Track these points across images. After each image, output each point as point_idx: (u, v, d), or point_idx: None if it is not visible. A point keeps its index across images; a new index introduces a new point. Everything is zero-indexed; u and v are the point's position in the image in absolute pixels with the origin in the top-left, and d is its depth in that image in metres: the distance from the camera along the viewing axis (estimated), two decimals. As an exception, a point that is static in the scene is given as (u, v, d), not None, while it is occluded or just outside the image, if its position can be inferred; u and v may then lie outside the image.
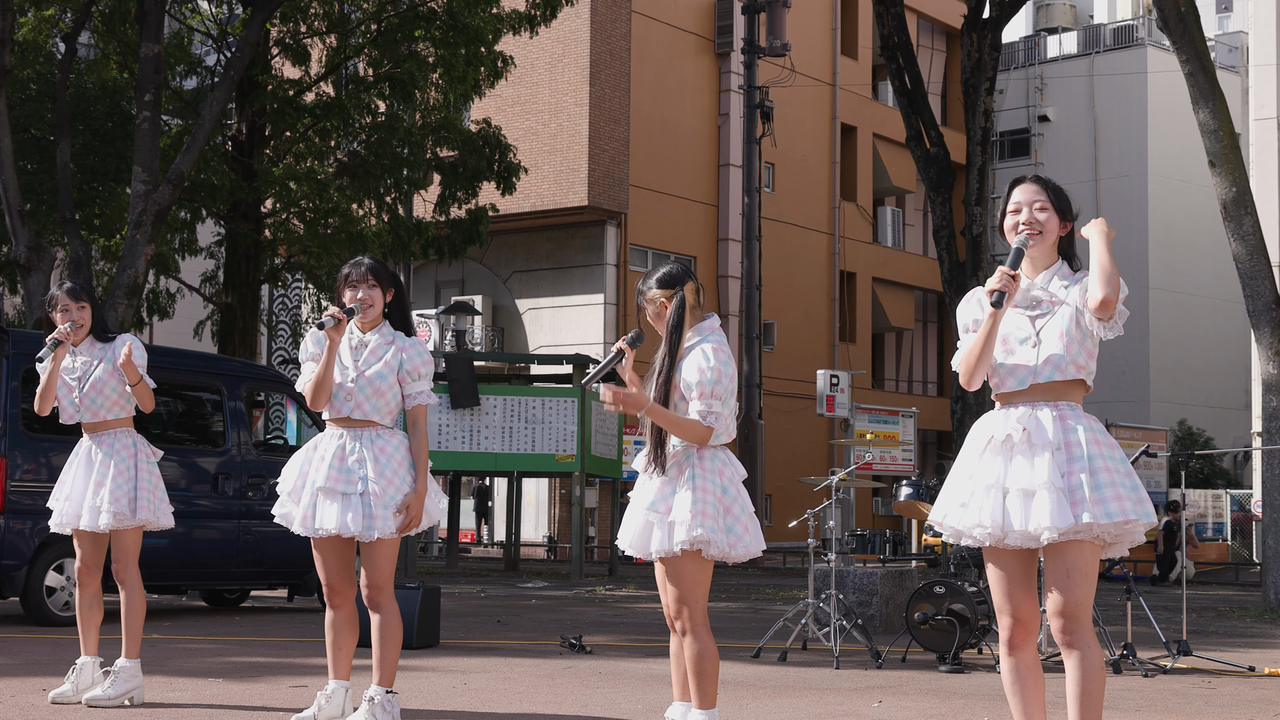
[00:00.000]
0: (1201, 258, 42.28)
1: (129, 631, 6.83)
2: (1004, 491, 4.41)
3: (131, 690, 6.79)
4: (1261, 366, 16.73)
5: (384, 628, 5.94)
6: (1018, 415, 4.44)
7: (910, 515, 11.14)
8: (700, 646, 5.26)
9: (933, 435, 40.55)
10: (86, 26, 20.56)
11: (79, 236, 18.91)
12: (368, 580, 5.95)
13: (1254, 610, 16.25)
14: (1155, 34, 43.08)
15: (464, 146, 22.28)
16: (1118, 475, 4.34)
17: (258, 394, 14.48)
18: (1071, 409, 4.44)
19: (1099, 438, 4.40)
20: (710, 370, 5.21)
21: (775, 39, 28.57)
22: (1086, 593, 4.36)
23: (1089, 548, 4.36)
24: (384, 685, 5.92)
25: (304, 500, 6.00)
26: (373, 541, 5.92)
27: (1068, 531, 4.34)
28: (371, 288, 5.99)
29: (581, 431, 19.76)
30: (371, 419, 5.96)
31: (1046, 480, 4.34)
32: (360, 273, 6.00)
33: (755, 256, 27.84)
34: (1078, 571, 4.35)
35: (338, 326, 5.88)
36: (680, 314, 5.35)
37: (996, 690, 8.28)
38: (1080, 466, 4.35)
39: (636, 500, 5.38)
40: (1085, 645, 4.35)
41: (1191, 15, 16.90)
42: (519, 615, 13.60)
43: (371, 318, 6.03)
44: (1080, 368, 4.44)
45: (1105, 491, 4.32)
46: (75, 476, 6.91)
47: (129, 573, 6.85)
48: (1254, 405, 26.16)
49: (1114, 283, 4.36)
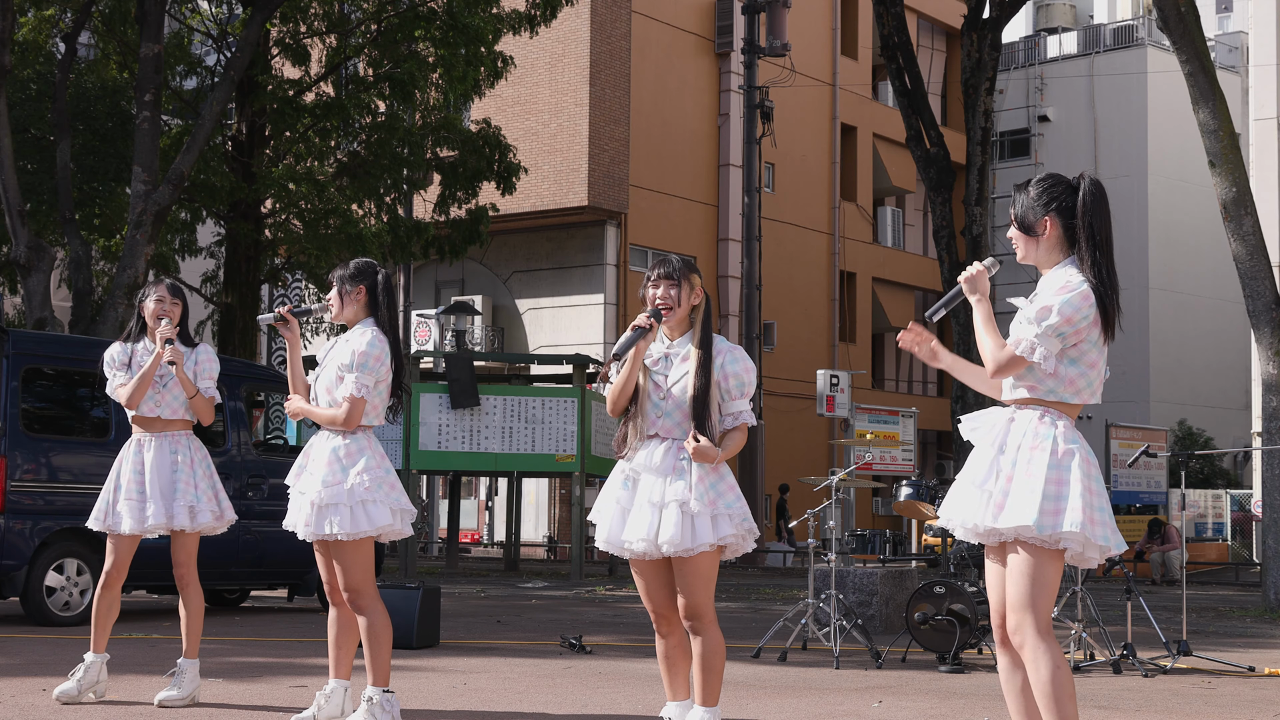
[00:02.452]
0: (1201, 258, 42.27)
1: (192, 632, 6.87)
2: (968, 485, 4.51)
3: (196, 689, 6.85)
4: (1261, 366, 16.73)
5: (370, 629, 5.94)
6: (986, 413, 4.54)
7: (910, 515, 11.14)
8: (713, 643, 5.30)
9: (933, 435, 40.55)
10: (86, 26, 20.56)
11: (79, 236, 18.91)
12: (341, 584, 5.96)
13: (1254, 610, 16.25)
14: (1155, 34, 43.08)
15: (464, 146, 22.28)
16: (1035, 481, 4.32)
17: (258, 394, 14.46)
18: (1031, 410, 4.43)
19: (1035, 442, 4.37)
20: (752, 373, 5.38)
21: (775, 39, 28.58)
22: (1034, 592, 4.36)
23: (1038, 551, 4.36)
24: (379, 685, 5.93)
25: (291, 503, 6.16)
26: (338, 545, 5.94)
27: (983, 533, 4.42)
28: (333, 288, 6.15)
29: (581, 431, 19.76)
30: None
31: (973, 479, 4.45)
32: (331, 276, 6.21)
33: (755, 256, 27.86)
34: (1025, 572, 4.38)
35: (284, 324, 6.14)
36: (709, 309, 5.41)
37: (997, 690, 8.28)
38: (1004, 470, 4.40)
39: (650, 495, 5.26)
40: (1034, 643, 4.34)
41: (1191, 15, 16.90)
42: (519, 615, 13.59)
43: (348, 318, 6.13)
44: (1032, 387, 4.43)
45: (1010, 498, 4.35)
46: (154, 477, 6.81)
47: (193, 574, 6.93)
48: (1254, 405, 26.16)
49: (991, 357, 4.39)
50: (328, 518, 5.89)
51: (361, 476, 5.90)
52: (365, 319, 6.10)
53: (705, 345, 5.31)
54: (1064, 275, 4.42)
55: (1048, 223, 4.48)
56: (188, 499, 6.80)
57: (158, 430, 6.88)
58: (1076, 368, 4.40)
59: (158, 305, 6.88)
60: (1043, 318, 4.33)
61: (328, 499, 5.89)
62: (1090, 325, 4.37)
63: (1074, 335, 4.36)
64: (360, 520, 5.88)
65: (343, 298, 6.09)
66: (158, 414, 6.87)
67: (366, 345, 5.96)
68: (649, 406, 5.34)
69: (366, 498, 5.89)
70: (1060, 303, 4.32)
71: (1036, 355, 4.34)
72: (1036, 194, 4.51)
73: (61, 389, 12.10)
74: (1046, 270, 4.50)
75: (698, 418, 5.22)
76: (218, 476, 7.04)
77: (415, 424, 19.45)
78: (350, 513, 5.87)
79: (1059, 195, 4.49)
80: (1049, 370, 4.39)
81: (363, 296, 6.09)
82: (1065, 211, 4.47)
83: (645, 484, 5.29)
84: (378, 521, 5.90)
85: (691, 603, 5.27)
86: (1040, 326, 4.32)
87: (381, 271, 6.19)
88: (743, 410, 5.35)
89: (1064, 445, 4.36)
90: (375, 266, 6.19)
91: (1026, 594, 4.35)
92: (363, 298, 6.09)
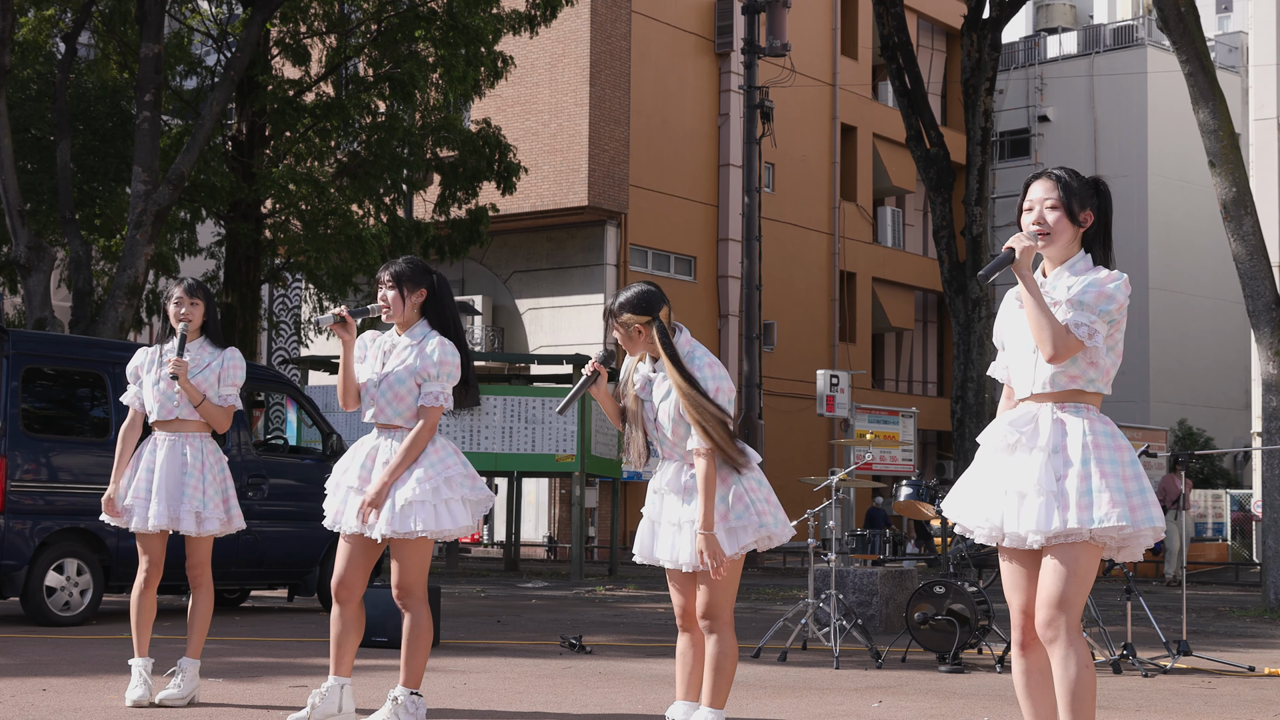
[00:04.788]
0: (1201, 258, 42.27)
1: (198, 632, 6.84)
2: (1004, 491, 4.39)
3: (195, 689, 6.84)
4: (1261, 366, 16.72)
5: (413, 629, 5.90)
6: (1013, 417, 4.43)
7: (910, 515, 11.13)
8: (727, 645, 5.39)
9: (933, 435, 40.55)
10: (86, 26, 20.56)
11: (79, 236, 18.91)
12: (395, 580, 5.94)
13: (1254, 610, 16.25)
14: (1155, 34, 43.08)
15: (464, 146, 22.28)
16: (1114, 480, 4.26)
17: (258, 394, 14.47)
18: (1076, 410, 4.37)
19: (1100, 440, 4.32)
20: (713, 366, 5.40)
21: (775, 39, 28.52)
22: (1074, 590, 4.30)
23: (1084, 548, 4.30)
24: (409, 686, 5.90)
25: (337, 497, 6.08)
26: (394, 542, 5.93)
27: (1055, 536, 4.31)
28: (390, 289, 5.96)
29: (581, 431, 19.77)
30: (394, 423, 5.97)
31: (1036, 483, 4.31)
32: (384, 275, 6.00)
33: (755, 256, 27.81)
34: (1068, 569, 4.30)
35: (343, 325, 5.91)
36: (666, 339, 5.41)
37: (997, 690, 8.28)
38: (1074, 470, 4.30)
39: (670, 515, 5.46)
40: (1066, 641, 4.29)
41: (1191, 15, 16.90)
42: (519, 615, 13.59)
43: (402, 319, 6.00)
44: (1074, 378, 4.36)
45: (1095, 496, 4.26)
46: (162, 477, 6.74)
47: (206, 576, 6.87)
48: (1254, 405, 26.15)
49: (1052, 340, 4.27)
50: (414, 515, 5.84)
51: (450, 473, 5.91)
52: (420, 320, 6.02)
53: (681, 375, 5.35)
54: (1101, 269, 4.42)
55: (1089, 215, 4.46)
56: (194, 504, 6.74)
57: (173, 430, 6.81)
58: (1110, 358, 4.40)
59: (175, 308, 6.82)
60: (1102, 303, 4.30)
61: (418, 496, 5.84)
62: (1124, 315, 4.39)
63: (1120, 323, 4.37)
64: (444, 518, 5.88)
65: (404, 299, 5.98)
66: (175, 414, 6.79)
67: (443, 354, 5.94)
68: (648, 431, 5.52)
69: (450, 495, 5.90)
70: (1113, 289, 4.31)
71: (1096, 340, 4.32)
72: (1080, 185, 4.46)
73: (61, 389, 12.10)
74: (1059, 261, 4.44)
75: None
76: (231, 482, 6.95)
77: (415, 424, 19.41)
78: (434, 511, 5.86)
79: (1094, 193, 4.48)
80: (1091, 360, 4.35)
81: (422, 298, 6.01)
82: (1098, 210, 4.48)
83: (668, 503, 5.50)
84: (460, 520, 5.94)
85: (709, 602, 5.39)
86: (1097, 313, 4.30)
87: (437, 273, 6.13)
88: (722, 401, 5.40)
89: (1122, 441, 4.36)
90: (430, 267, 6.11)
91: (1068, 591, 4.30)
92: (422, 299, 6.01)
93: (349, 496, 6.01)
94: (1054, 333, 4.27)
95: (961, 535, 5.42)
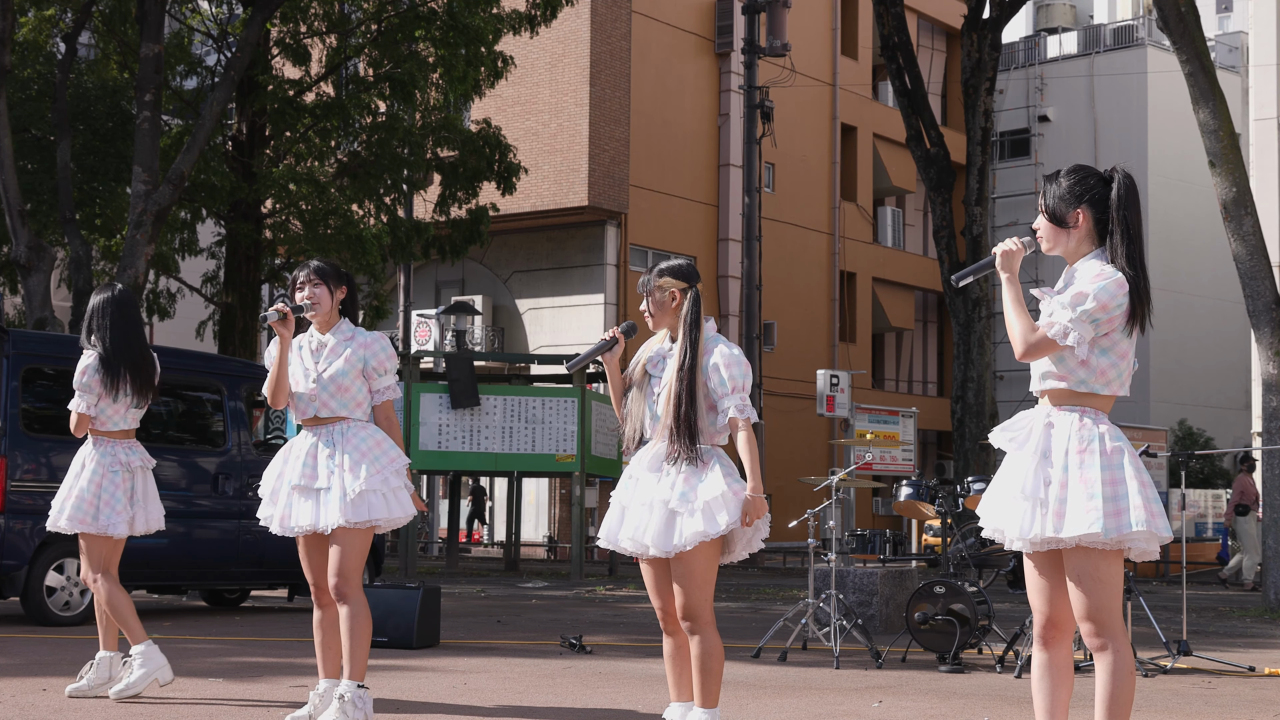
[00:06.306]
0: (1201, 258, 42.27)
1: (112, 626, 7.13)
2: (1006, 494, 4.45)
3: (156, 671, 6.98)
4: (1261, 366, 16.72)
5: (351, 619, 5.94)
6: (1013, 419, 4.49)
7: (910, 515, 11.14)
8: (710, 644, 5.33)
9: (933, 435, 40.54)
10: (86, 26, 20.56)
11: (79, 236, 18.91)
12: (333, 569, 5.97)
13: (1254, 610, 16.25)
14: (1155, 34, 43.08)
15: (464, 146, 22.28)
16: (1094, 486, 4.27)
17: (258, 394, 14.48)
18: (1071, 411, 4.38)
19: (1087, 444, 4.32)
20: (740, 365, 5.36)
21: (775, 39, 28.55)
22: (1104, 597, 4.31)
23: (1099, 555, 4.31)
24: (354, 679, 5.91)
25: (281, 500, 6.10)
26: (337, 530, 5.96)
27: (1040, 543, 4.35)
28: (316, 286, 6.12)
29: (581, 431, 19.76)
30: (340, 415, 6.09)
31: (1021, 488, 4.37)
32: (306, 274, 6.15)
33: (755, 256, 27.84)
34: (1088, 576, 4.31)
35: (284, 322, 6.00)
36: (698, 310, 5.41)
37: (997, 690, 8.28)
38: (1056, 476, 4.33)
39: (643, 495, 5.35)
40: (1113, 648, 4.32)
41: (1191, 15, 16.90)
42: (519, 615, 13.59)
43: (324, 317, 6.15)
44: (1062, 377, 4.37)
45: (1071, 505, 4.28)
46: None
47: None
48: (1254, 405, 26.15)
49: (1020, 338, 4.33)
50: (367, 504, 5.95)
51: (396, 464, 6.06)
52: (342, 319, 6.21)
53: (691, 347, 5.34)
54: (1097, 265, 4.40)
55: (1080, 215, 4.45)
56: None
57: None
58: (1108, 358, 4.37)
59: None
60: (1078, 303, 4.29)
61: (370, 486, 5.96)
62: (1122, 315, 4.33)
63: (1107, 323, 4.32)
64: (394, 507, 6.02)
65: (331, 295, 6.16)
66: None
67: (389, 349, 6.19)
68: (646, 407, 5.44)
69: (397, 484, 6.05)
70: (1096, 289, 4.30)
71: (1070, 339, 4.29)
72: (1068, 185, 4.48)
73: (61, 389, 12.04)
74: (1074, 262, 4.46)
75: (686, 421, 5.25)
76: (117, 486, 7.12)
77: (415, 424, 19.44)
78: (385, 500, 6.00)
79: (1091, 187, 4.47)
80: (1080, 359, 4.34)
81: (343, 295, 6.22)
82: (1097, 204, 4.45)
83: (643, 483, 5.37)
84: (407, 509, 6.08)
85: (686, 603, 5.31)
86: (1075, 311, 4.29)
87: (347, 273, 6.35)
88: (729, 406, 5.33)
89: (1111, 443, 4.32)
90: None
91: (1098, 600, 4.31)
92: (343, 296, 6.22)
93: (294, 497, 6.05)
94: (1021, 330, 4.34)
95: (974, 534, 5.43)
